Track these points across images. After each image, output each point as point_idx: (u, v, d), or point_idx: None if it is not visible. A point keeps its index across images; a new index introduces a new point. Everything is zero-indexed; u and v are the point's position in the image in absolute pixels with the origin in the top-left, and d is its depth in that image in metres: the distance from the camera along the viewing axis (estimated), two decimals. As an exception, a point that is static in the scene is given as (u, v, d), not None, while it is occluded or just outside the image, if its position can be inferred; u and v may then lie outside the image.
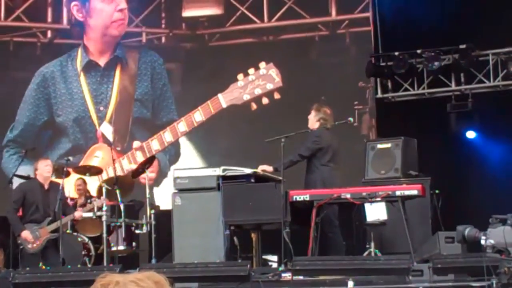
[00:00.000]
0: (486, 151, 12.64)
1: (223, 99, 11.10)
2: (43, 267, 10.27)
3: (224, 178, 10.35)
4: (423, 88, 13.22)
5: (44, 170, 10.37)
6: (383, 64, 13.30)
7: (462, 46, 12.66)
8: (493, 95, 12.83)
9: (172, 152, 12.35)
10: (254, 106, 11.16)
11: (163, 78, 11.44)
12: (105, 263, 11.12)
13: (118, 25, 11.54)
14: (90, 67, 11.28)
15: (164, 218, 11.07)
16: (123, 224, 11.47)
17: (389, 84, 13.48)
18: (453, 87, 13.03)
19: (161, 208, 12.38)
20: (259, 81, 11.17)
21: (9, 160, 11.50)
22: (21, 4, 12.75)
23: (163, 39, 12.35)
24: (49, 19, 12.63)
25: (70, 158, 11.78)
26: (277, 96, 11.13)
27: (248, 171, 10.43)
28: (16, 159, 11.26)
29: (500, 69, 12.69)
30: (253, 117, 12.43)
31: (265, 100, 11.10)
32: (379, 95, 13.44)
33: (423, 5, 12.68)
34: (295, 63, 12.37)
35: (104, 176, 11.99)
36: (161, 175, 12.51)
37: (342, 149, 10.69)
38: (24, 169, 12.03)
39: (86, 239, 11.71)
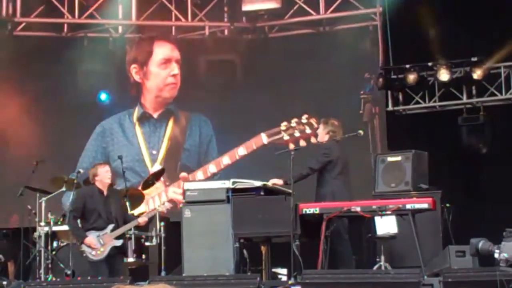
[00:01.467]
0: (498, 165, 12.56)
1: (265, 137, 12.41)
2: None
3: (234, 190, 10.34)
4: (434, 101, 13.19)
5: (105, 176, 10.26)
6: (394, 76, 13.28)
7: (474, 59, 12.62)
8: (505, 108, 12.79)
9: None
10: (291, 146, 12.12)
11: (209, 136, 12.73)
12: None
13: (170, 88, 12.93)
14: (144, 118, 12.78)
15: (174, 231, 11.06)
16: (133, 236, 11.45)
17: (400, 97, 13.45)
18: (465, 100, 13.00)
19: (171, 220, 12.37)
20: (300, 126, 12.50)
21: (67, 198, 12.09)
22: (94, 3, 14.07)
23: (226, 32, 13.66)
24: (120, 16, 14.05)
25: (81, 170, 11.80)
26: (313, 140, 11.84)
27: (257, 183, 10.42)
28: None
29: (512, 82, 12.66)
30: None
31: (302, 143, 12.27)
32: (390, 108, 13.41)
33: (434, 17, 12.65)
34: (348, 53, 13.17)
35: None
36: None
37: (351, 161, 10.66)
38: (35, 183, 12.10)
39: (96, 251, 11.69)
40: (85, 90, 14.00)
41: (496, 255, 7.20)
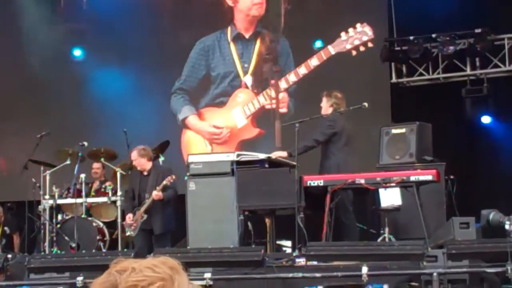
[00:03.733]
0: (501, 136, 12.57)
1: (332, 49, 13.68)
2: None
3: (238, 163, 10.35)
4: (438, 73, 13.17)
5: (134, 160, 10.85)
6: (398, 48, 13.25)
7: (478, 30, 12.58)
8: (509, 80, 12.76)
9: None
10: (354, 52, 13.49)
11: (289, 54, 14.50)
12: (119, 248, 11.18)
13: (258, 7, 14.62)
14: (238, 38, 14.68)
15: (179, 204, 11.08)
16: (125, 209, 11.49)
17: (404, 69, 13.42)
18: (468, 71, 12.97)
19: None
20: (357, 35, 13.46)
21: (177, 102, 14.70)
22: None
23: None
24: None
25: (85, 143, 11.82)
26: (370, 45, 13.42)
27: (262, 156, 10.43)
28: (182, 101, 14.70)
29: (516, 54, 12.61)
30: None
31: (362, 48, 13.49)
32: (394, 79, 13.39)
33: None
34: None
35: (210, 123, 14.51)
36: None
37: (356, 134, 10.66)
38: (40, 156, 12.12)
39: (101, 224, 11.76)
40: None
41: (506, 226, 7.23)
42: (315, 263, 9.09)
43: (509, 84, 12.69)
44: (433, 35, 12.88)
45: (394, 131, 10.89)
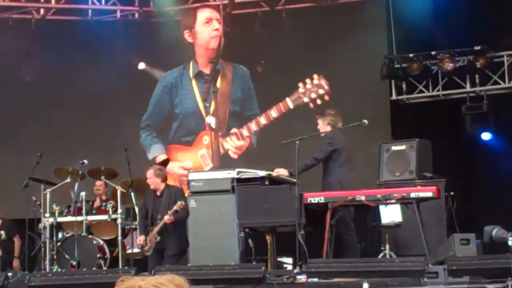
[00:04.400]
0: (501, 153, 12.58)
1: (290, 102, 14.04)
2: None
3: (239, 180, 10.36)
4: (438, 90, 13.20)
5: (148, 179, 10.76)
6: (398, 66, 13.29)
7: (477, 48, 12.62)
8: (508, 96, 12.79)
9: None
10: (311, 105, 13.82)
11: (250, 86, 14.74)
12: (120, 266, 11.16)
13: (215, 40, 14.92)
14: (199, 76, 14.87)
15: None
16: (138, 227, 11.49)
17: (404, 86, 13.46)
18: (468, 88, 13.00)
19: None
20: (314, 88, 13.84)
21: (146, 140, 14.86)
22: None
23: (136, 15, 15.56)
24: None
25: (85, 161, 11.83)
26: (326, 98, 13.71)
27: (262, 173, 10.44)
28: (150, 139, 14.85)
29: (515, 71, 12.65)
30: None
31: (318, 101, 13.79)
32: (394, 97, 13.42)
33: (437, 7, 12.64)
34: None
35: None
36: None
37: (356, 150, 10.68)
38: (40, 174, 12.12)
39: (101, 242, 11.74)
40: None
41: (510, 242, 7.22)
42: (316, 280, 9.08)
43: (509, 101, 12.72)
44: (433, 52, 12.93)
45: (394, 148, 10.91)
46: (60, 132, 14.38)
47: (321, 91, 13.76)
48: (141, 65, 15.14)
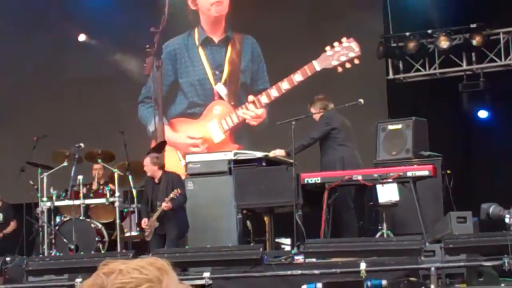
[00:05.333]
0: (498, 130, 12.58)
1: (317, 64, 13.27)
2: None
3: (236, 162, 10.37)
4: (435, 69, 13.17)
5: (145, 167, 10.77)
6: (394, 45, 13.25)
7: (473, 26, 12.58)
8: (505, 74, 12.76)
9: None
10: (339, 69, 13.19)
11: (260, 57, 14.03)
12: (118, 249, 11.17)
13: (216, 6, 14.10)
14: (206, 42, 14.12)
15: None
16: (135, 210, 11.51)
17: (400, 65, 13.43)
18: (465, 66, 12.98)
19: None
20: (343, 51, 13.16)
21: (146, 112, 14.16)
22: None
23: None
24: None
25: (82, 144, 11.81)
26: (357, 61, 13.13)
27: (259, 154, 10.44)
28: (150, 111, 13.79)
29: (511, 48, 12.61)
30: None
31: (348, 65, 13.18)
32: (390, 76, 13.39)
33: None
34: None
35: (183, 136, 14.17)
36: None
37: (353, 130, 10.66)
38: (37, 158, 12.11)
39: (100, 225, 11.75)
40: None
41: (506, 220, 7.24)
42: (313, 260, 9.10)
43: (505, 79, 12.69)
44: (429, 31, 12.89)
45: (391, 127, 10.90)
46: (58, 115, 14.38)
47: (351, 54, 13.12)
48: (82, 37, 14.46)
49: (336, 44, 13.14)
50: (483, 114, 12.97)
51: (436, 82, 13.23)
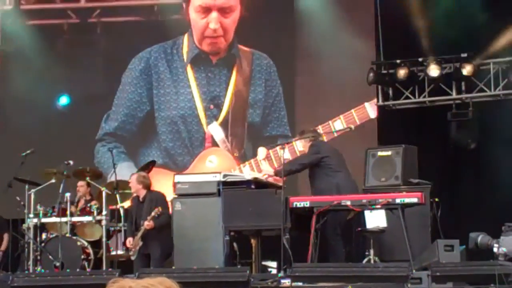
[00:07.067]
0: (487, 160, 12.62)
1: (371, 109, 10.37)
2: None
3: (224, 183, 10.36)
4: (424, 96, 13.23)
5: (130, 184, 10.73)
6: (385, 71, 13.32)
7: (464, 55, 12.67)
8: (494, 104, 12.84)
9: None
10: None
11: (277, 86, 10.32)
12: (104, 268, 11.13)
13: (209, 43, 10.53)
14: (199, 60, 10.08)
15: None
16: (122, 228, 11.48)
17: (390, 91, 13.48)
18: (454, 95, 13.04)
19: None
20: None
21: (107, 155, 10.66)
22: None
23: None
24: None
25: (71, 162, 11.79)
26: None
27: (248, 176, 10.44)
28: (116, 154, 10.63)
29: (501, 78, 12.70)
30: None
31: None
32: (380, 102, 13.44)
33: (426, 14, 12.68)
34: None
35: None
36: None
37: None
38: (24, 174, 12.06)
39: (86, 243, 11.70)
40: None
41: (495, 249, 7.27)
42: (300, 284, 9.09)
43: (494, 108, 12.76)
44: (420, 59, 12.96)
45: (380, 153, 10.95)
46: (47, 132, 14.33)
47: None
48: None
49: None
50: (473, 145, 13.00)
51: (425, 110, 13.28)
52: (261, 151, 10.18)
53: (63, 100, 13.02)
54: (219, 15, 10.48)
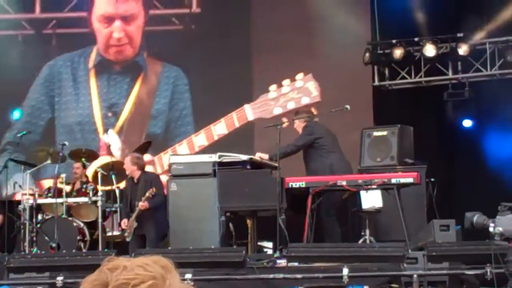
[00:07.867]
0: (482, 140, 12.64)
1: (251, 111, 10.07)
2: None
3: (220, 164, 10.35)
4: (420, 76, 13.21)
5: (124, 165, 10.67)
6: (381, 52, 13.29)
7: (460, 35, 12.64)
8: (490, 84, 12.83)
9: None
10: (285, 120, 10.02)
11: (185, 99, 10.23)
12: (100, 248, 11.13)
13: (115, 51, 10.50)
14: (102, 67, 10.08)
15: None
16: (118, 209, 11.47)
17: (386, 72, 13.47)
18: (450, 75, 13.03)
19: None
20: (293, 94, 10.12)
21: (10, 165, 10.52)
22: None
23: None
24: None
25: (66, 142, 11.76)
26: (315, 111, 10.08)
27: (244, 157, 10.43)
28: (14, 164, 10.56)
29: (497, 58, 12.68)
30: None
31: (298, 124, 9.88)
32: (376, 83, 13.43)
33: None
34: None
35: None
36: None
37: (338, 136, 10.69)
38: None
39: (81, 224, 11.70)
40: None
41: (491, 229, 7.26)
42: (296, 264, 9.10)
43: (490, 88, 12.76)
44: (416, 39, 12.93)
45: (376, 133, 10.94)
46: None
47: (305, 100, 10.55)
48: None
49: (286, 82, 10.64)
50: (467, 123, 13.03)
51: (421, 90, 13.27)
52: (146, 157, 10.50)
53: (16, 114, 12.39)
54: (123, 24, 10.50)
